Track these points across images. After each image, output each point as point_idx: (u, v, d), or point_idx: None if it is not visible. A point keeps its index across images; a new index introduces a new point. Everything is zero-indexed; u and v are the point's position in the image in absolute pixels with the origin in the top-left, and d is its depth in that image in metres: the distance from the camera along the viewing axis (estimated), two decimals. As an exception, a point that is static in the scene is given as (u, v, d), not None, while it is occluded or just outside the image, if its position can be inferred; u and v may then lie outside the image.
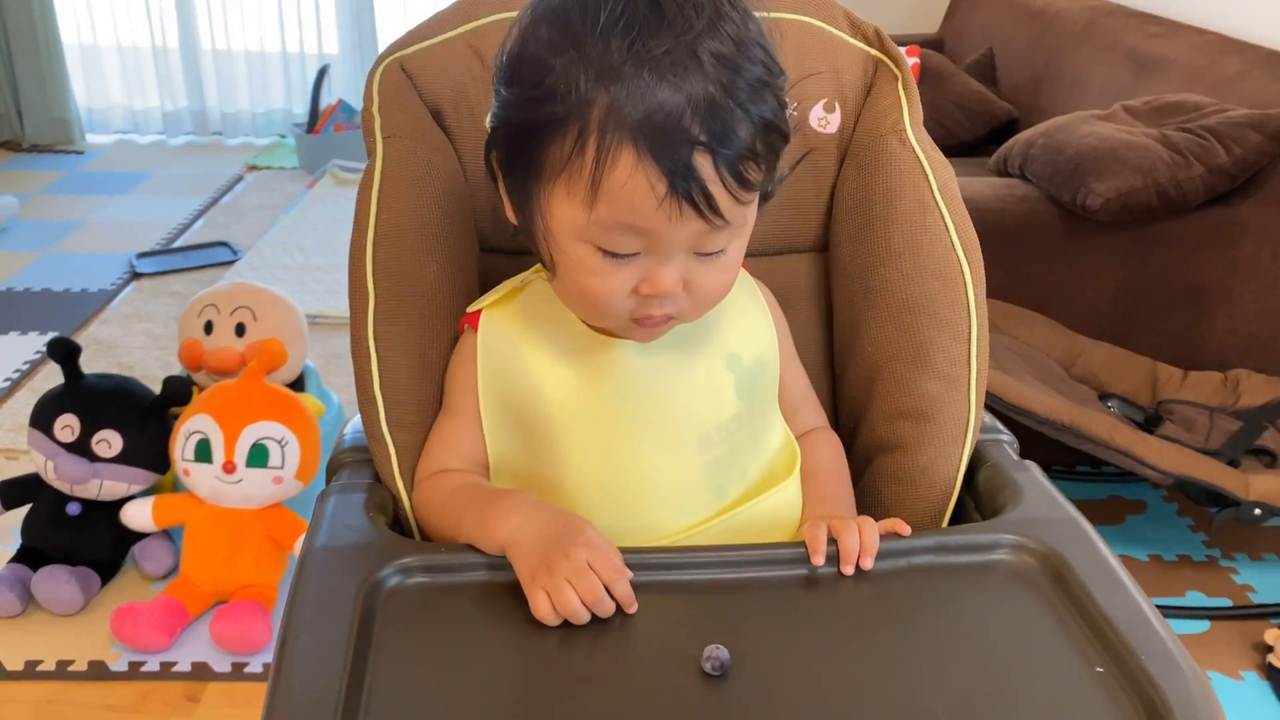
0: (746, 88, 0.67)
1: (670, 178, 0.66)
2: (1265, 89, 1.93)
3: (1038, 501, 0.81)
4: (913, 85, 0.94)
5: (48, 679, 1.53)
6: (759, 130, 0.68)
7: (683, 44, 0.65)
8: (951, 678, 0.65)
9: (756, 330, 0.87)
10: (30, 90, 3.96)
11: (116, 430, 1.64)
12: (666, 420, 0.80)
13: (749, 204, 0.71)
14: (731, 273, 0.75)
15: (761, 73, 0.68)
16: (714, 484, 0.82)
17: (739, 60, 0.67)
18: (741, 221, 0.71)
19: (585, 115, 0.66)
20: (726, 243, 0.72)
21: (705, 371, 0.82)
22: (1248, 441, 1.74)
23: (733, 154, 0.67)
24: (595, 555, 0.69)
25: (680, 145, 0.65)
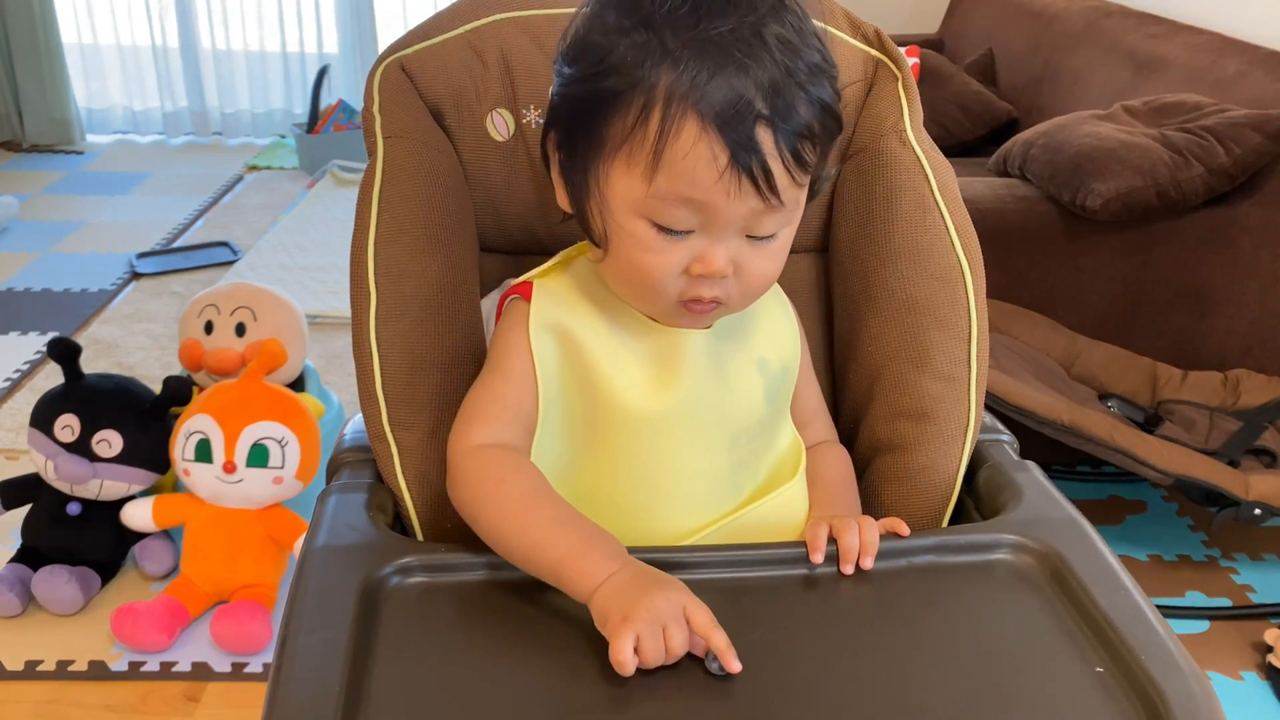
0: (806, 70, 0.69)
1: (733, 149, 0.67)
2: (1265, 89, 1.93)
3: (1038, 501, 0.81)
4: (913, 85, 0.94)
5: (48, 679, 1.53)
6: (818, 112, 0.70)
7: (746, 24, 0.67)
8: (951, 677, 0.65)
9: (785, 337, 0.87)
10: (30, 90, 3.96)
11: (117, 430, 1.64)
12: (707, 417, 0.80)
13: (802, 187, 0.72)
14: (780, 261, 0.76)
15: (819, 59, 0.70)
16: (734, 484, 0.82)
17: (799, 44, 0.69)
18: (794, 205, 0.72)
19: (650, 88, 0.68)
20: (778, 227, 0.73)
21: (738, 372, 0.82)
22: (1248, 441, 1.74)
23: (793, 131, 0.68)
24: (693, 605, 0.65)
25: (745, 118, 0.67)
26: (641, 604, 0.64)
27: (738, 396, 0.82)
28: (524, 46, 0.95)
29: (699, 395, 0.80)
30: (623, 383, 0.78)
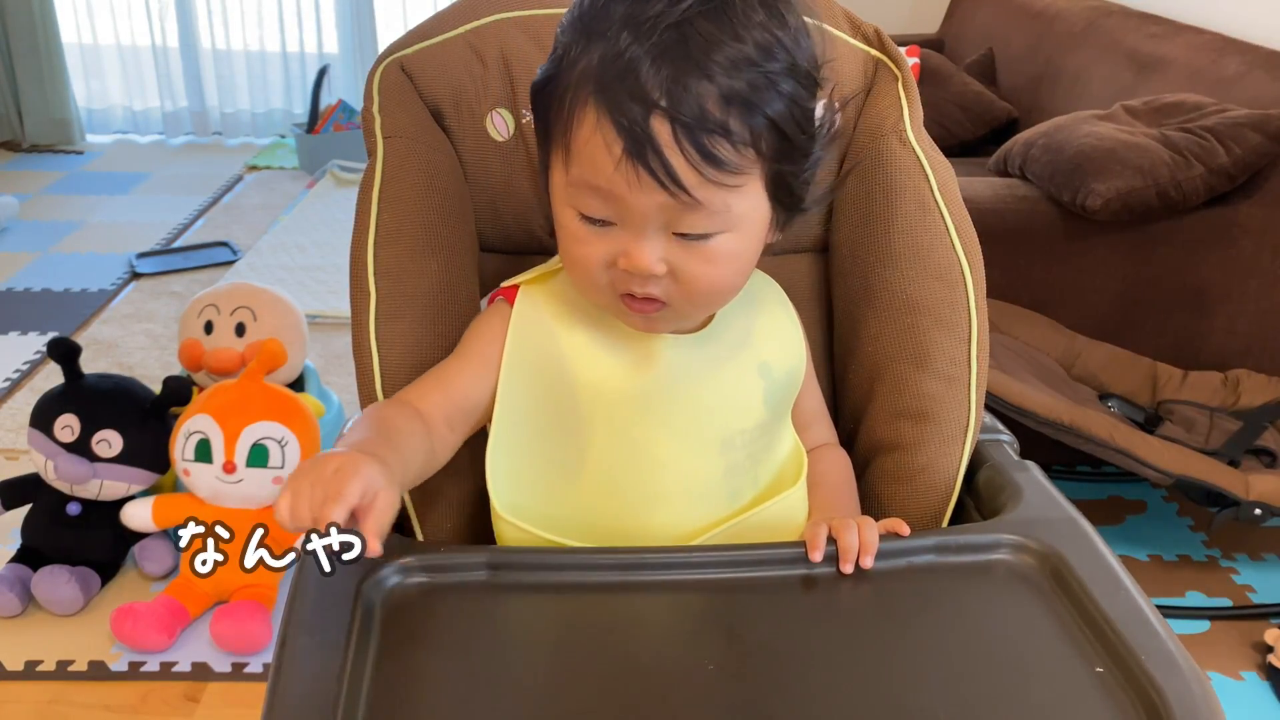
0: (729, 65, 0.66)
1: (626, 139, 0.66)
2: (1265, 89, 1.93)
3: (1038, 501, 0.81)
4: (913, 85, 0.94)
5: (48, 679, 1.53)
6: (738, 111, 0.66)
7: (673, 12, 0.66)
8: (951, 677, 0.65)
9: (790, 343, 0.87)
10: (30, 90, 3.96)
11: (116, 430, 1.64)
12: (693, 418, 0.80)
13: (728, 187, 0.68)
14: (724, 267, 0.72)
15: (764, 61, 0.67)
16: (730, 488, 0.82)
17: (728, 40, 0.66)
18: (721, 207, 0.69)
19: (568, 75, 0.69)
20: (709, 228, 0.70)
21: (737, 376, 0.82)
22: (1248, 441, 1.74)
23: (694, 125, 0.65)
24: (347, 468, 0.61)
25: (635, 106, 0.65)
26: (308, 464, 0.62)
27: (733, 399, 0.81)
28: (524, 46, 0.95)
29: (684, 398, 0.80)
30: (602, 387, 0.79)
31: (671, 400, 0.80)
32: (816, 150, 0.73)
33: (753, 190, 0.70)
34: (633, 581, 0.72)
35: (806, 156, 0.72)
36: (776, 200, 0.73)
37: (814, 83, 0.71)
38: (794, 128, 0.70)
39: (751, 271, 0.77)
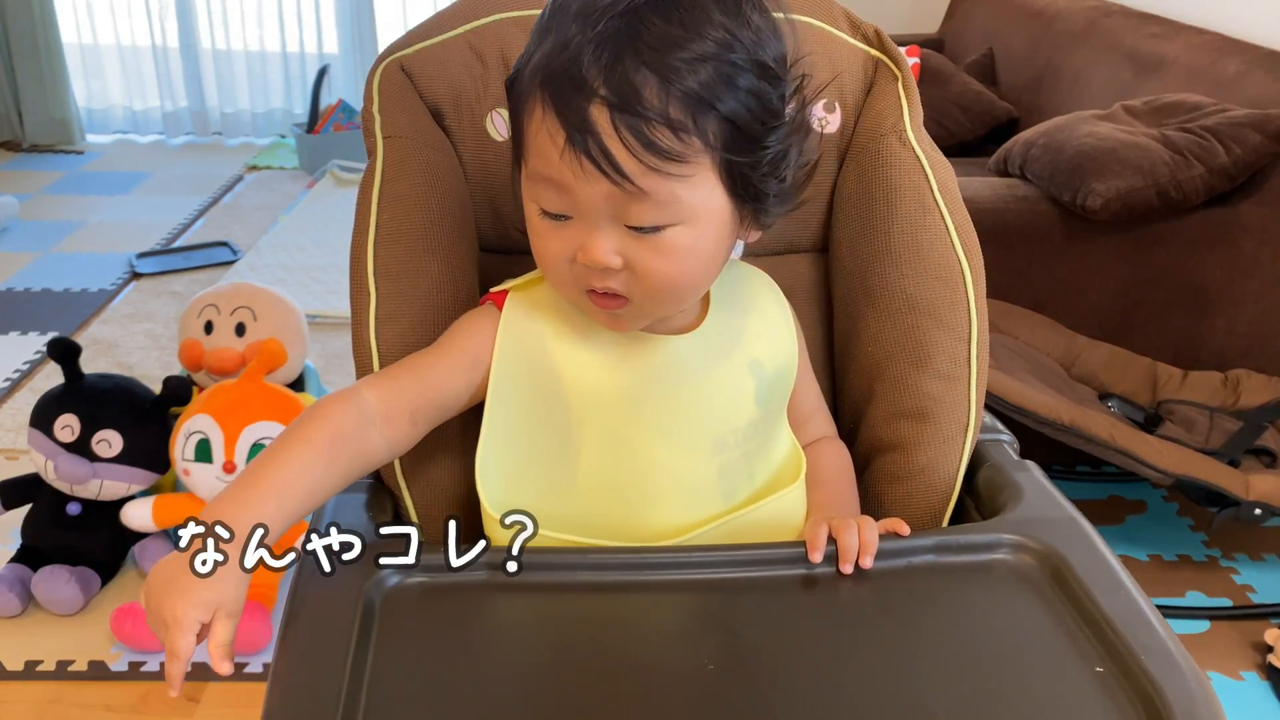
0: (672, 53, 0.65)
1: (567, 128, 0.66)
2: (1265, 89, 1.93)
3: (1037, 501, 0.81)
4: (913, 85, 0.94)
5: (48, 679, 1.53)
6: (679, 99, 0.66)
7: (621, 6, 0.66)
8: (951, 677, 0.65)
9: (781, 339, 0.86)
10: (30, 90, 3.96)
11: (116, 430, 1.64)
12: (684, 419, 0.80)
13: (674, 176, 0.67)
14: (679, 262, 0.71)
15: (712, 50, 0.67)
16: (725, 487, 0.82)
17: (674, 29, 0.66)
18: (669, 197, 0.68)
19: (526, 69, 0.70)
20: (656, 219, 0.69)
21: (728, 375, 0.81)
22: (1248, 441, 1.74)
23: (633, 112, 0.65)
24: (174, 625, 0.66)
25: (576, 95, 0.66)
26: (165, 589, 0.67)
27: (724, 398, 0.81)
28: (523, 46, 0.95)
29: (675, 399, 0.80)
30: (592, 389, 0.79)
31: (662, 401, 0.80)
32: (774, 143, 0.71)
33: (703, 181, 0.69)
34: (633, 581, 0.72)
35: (763, 148, 0.70)
36: (735, 194, 0.71)
37: (773, 75, 0.70)
38: (746, 118, 0.68)
39: (716, 267, 0.76)
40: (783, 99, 0.71)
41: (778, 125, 0.71)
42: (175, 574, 0.67)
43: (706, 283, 0.77)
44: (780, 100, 0.71)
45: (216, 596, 0.67)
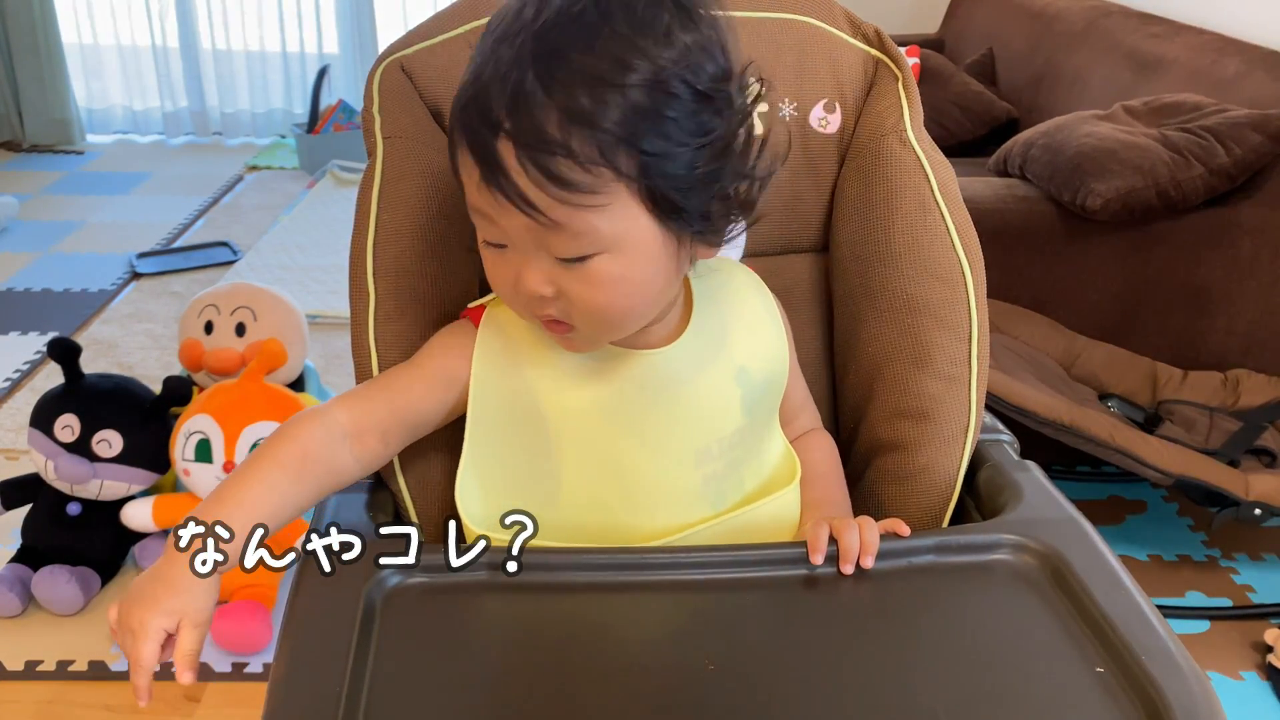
0: (575, 80, 0.63)
1: (478, 163, 0.66)
2: (1265, 89, 1.93)
3: (1038, 502, 0.81)
4: (913, 85, 0.94)
5: (48, 679, 1.53)
6: (581, 129, 0.64)
7: (532, 26, 0.65)
8: (951, 678, 0.65)
9: (770, 345, 0.85)
10: (30, 90, 3.96)
11: (117, 430, 1.64)
12: (665, 432, 0.79)
13: (587, 207, 0.65)
14: (610, 291, 0.69)
15: (623, 78, 0.64)
16: (712, 496, 0.81)
17: (588, 59, 0.64)
18: (585, 228, 0.66)
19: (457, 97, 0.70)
20: (578, 250, 0.67)
21: (712, 384, 0.80)
22: (1248, 441, 1.74)
23: (536, 146, 0.64)
24: (140, 631, 0.67)
25: (484, 130, 0.65)
26: (135, 599, 0.68)
27: (708, 410, 0.80)
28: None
29: (656, 411, 0.79)
30: (571, 405, 0.78)
31: (642, 415, 0.79)
32: (704, 163, 0.67)
33: (622, 210, 0.66)
34: (633, 581, 0.72)
35: (691, 170, 0.67)
36: (665, 219, 0.68)
37: (703, 94, 0.66)
38: (664, 144, 0.65)
39: (656, 293, 0.72)
40: (719, 114, 0.68)
41: (706, 145, 0.67)
42: (144, 584, 0.69)
43: (649, 308, 0.74)
44: (716, 116, 0.67)
45: (182, 605, 0.67)
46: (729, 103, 0.69)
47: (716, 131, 0.68)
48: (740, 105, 0.70)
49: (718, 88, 0.67)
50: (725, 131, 0.68)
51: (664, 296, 0.75)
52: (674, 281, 0.74)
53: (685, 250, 0.73)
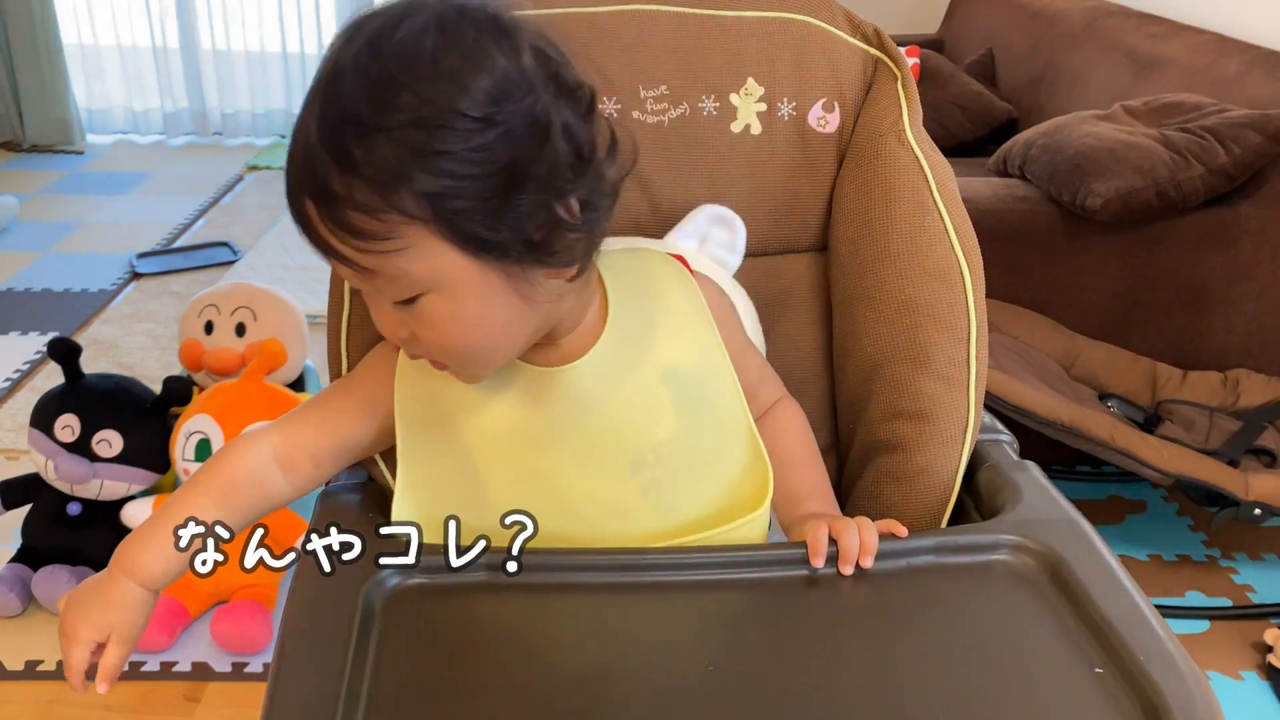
0: (355, 135, 0.63)
1: (296, 222, 0.67)
2: (1265, 89, 1.93)
3: (1037, 502, 0.81)
4: (912, 85, 0.94)
5: (48, 679, 1.53)
6: (367, 184, 0.63)
7: (318, 88, 0.66)
8: (950, 678, 0.65)
9: (698, 338, 0.80)
10: (30, 90, 3.96)
11: (117, 430, 1.64)
12: (591, 445, 0.77)
13: (391, 253, 0.64)
14: (449, 329, 0.69)
15: (389, 120, 0.62)
16: (653, 505, 0.78)
17: (360, 108, 0.63)
18: (397, 273, 0.65)
19: None
20: (401, 293, 0.67)
21: (637, 391, 0.77)
22: (1247, 441, 1.74)
23: (327, 203, 0.64)
24: (72, 624, 0.74)
25: (292, 191, 0.66)
26: (71, 601, 0.77)
27: (635, 417, 0.77)
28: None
29: (581, 426, 0.77)
30: (494, 428, 0.77)
31: (564, 431, 0.77)
32: (493, 193, 0.64)
33: (426, 248, 0.65)
34: (632, 582, 0.72)
35: (480, 201, 0.64)
36: (478, 253, 0.66)
37: (479, 119, 0.63)
38: (438, 179, 0.63)
39: (503, 326, 0.70)
40: (510, 136, 0.64)
41: (496, 173, 0.64)
42: (85, 593, 0.75)
43: (502, 339, 0.71)
44: (506, 139, 0.64)
45: (113, 620, 0.73)
46: (527, 121, 0.64)
47: (507, 157, 0.64)
48: (552, 119, 0.65)
49: (497, 112, 0.63)
50: (521, 154, 0.64)
51: (520, 325, 0.71)
52: (525, 310, 0.70)
53: (527, 277, 0.68)
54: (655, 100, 0.98)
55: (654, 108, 0.98)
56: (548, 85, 0.66)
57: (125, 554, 0.75)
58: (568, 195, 0.67)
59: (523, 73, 0.65)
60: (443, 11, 0.65)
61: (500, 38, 0.65)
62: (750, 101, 0.98)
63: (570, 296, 0.74)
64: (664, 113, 0.98)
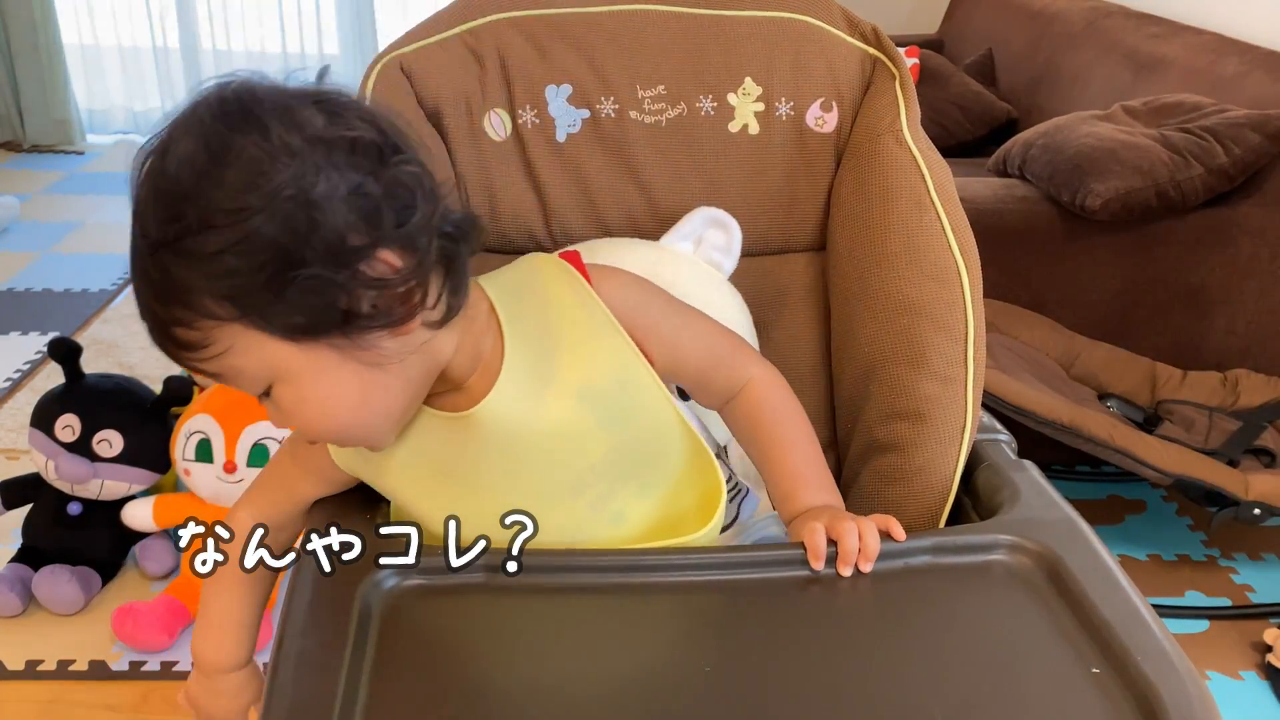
0: (146, 254, 0.64)
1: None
2: (1265, 89, 1.93)
3: (1035, 502, 0.81)
4: (910, 85, 0.94)
5: (49, 679, 1.53)
6: (165, 298, 0.64)
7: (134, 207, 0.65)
8: (948, 678, 0.65)
9: (601, 347, 0.75)
10: (31, 91, 3.96)
11: (117, 430, 1.64)
12: (523, 477, 0.75)
13: (219, 355, 0.65)
14: (306, 415, 0.68)
15: (164, 233, 0.62)
16: (605, 516, 0.77)
17: (150, 226, 0.63)
18: (233, 371, 0.66)
19: None
20: (250, 388, 0.68)
21: (555, 417, 0.74)
22: (1247, 441, 1.74)
23: (153, 323, 0.65)
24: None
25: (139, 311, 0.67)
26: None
27: (560, 444, 0.75)
28: (520, 47, 0.95)
29: (497, 466, 0.75)
30: (420, 480, 0.76)
31: (495, 469, 0.75)
32: (283, 282, 0.62)
33: (250, 343, 0.64)
34: (630, 583, 0.72)
35: (276, 293, 0.62)
36: (299, 337, 0.64)
37: (225, 214, 0.61)
38: (226, 281, 0.62)
39: (362, 401, 0.68)
40: (278, 223, 0.61)
41: (274, 262, 0.62)
42: (198, 693, 0.88)
43: (369, 413, 0.69)
44: (270, 223, 0.61)
45: (232, 705, 0.87)
46: (287, 197, 0.61)
47: (276, 240, 0.61)
48: (318, 187, 0.62)
49: (250, 198, 0.61)
50: (290, 231, 0.61)
51: (384, 392, 0.69)
52: (382, 376, 0.68)
53: (365, 345, 0.66)
54: (653, 100, 0.98)
55: (652, 107, 0.98)
56: (315, 150, 0.63)
57: (198, 653, 0.86)
58: (370, 255, 0.64)
59: (273, 151, 0.62)
60: (195, 117, 0.64)
61: (243, 122, 0.63)
62: (748, 101, 0.98)
63: (450, 338, 0.71)
64: (662, 112, 0.98)
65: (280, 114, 0.63)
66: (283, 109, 0.64)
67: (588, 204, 1.01)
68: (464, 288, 0.70)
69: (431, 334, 0.69)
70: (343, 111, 0.66)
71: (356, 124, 0.66)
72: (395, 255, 0.65)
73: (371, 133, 0.66)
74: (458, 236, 0.69)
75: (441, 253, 0.68)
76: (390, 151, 0.66)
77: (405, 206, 0.65)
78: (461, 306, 0.70)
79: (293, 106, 0.64)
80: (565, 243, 1.01)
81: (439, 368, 0.72)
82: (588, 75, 0.97)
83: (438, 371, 0.72)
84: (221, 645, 0.85)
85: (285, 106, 0.64)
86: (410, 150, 0.68)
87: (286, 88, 0.66)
